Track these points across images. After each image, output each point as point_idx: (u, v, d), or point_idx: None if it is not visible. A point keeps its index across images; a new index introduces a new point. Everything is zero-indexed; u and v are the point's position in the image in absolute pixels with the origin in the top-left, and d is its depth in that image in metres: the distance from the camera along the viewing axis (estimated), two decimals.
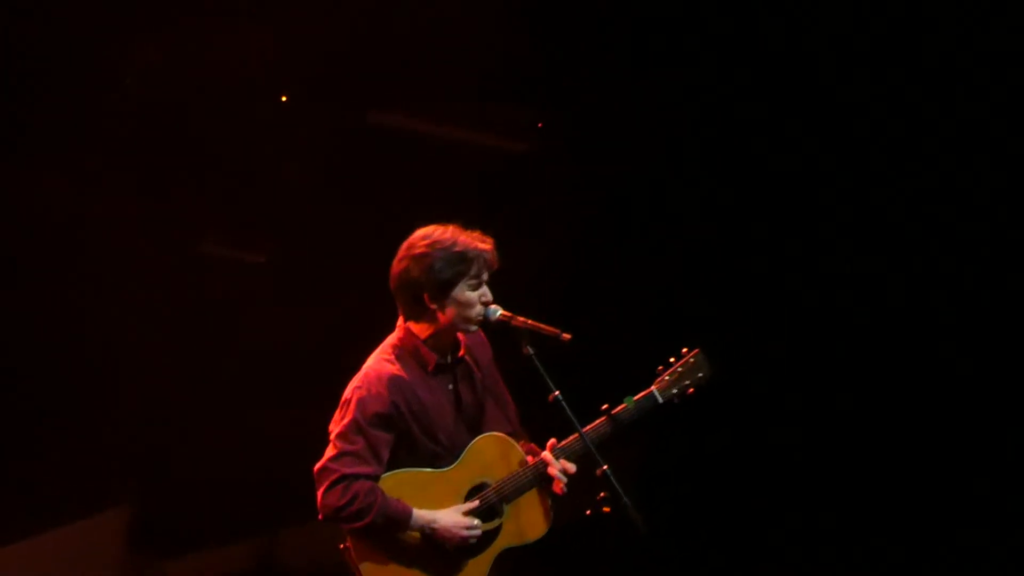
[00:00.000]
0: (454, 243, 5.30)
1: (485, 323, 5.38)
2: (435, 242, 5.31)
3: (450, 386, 5.44)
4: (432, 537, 5.29)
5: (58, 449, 7.81)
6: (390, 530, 5.27)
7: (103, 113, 7.93)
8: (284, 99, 8.22)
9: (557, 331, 5.30)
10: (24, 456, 7.72)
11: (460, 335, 5.45)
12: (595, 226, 8.18)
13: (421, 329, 5.39)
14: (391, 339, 5.45)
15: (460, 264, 5.30)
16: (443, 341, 5.41)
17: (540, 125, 8.34)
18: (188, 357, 8.09)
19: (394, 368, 5.34)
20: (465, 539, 5.30)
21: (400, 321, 5.44)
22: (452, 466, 5.37)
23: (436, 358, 5.39)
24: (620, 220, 8.20)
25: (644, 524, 5.13)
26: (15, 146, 7.83)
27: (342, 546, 5.34)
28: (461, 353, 5.48)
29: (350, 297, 7.95)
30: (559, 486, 5.39)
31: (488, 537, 5.37)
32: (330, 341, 7.86)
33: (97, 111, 7.92)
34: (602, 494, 5.20)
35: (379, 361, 5.39)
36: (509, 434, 5.48)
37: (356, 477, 5.24)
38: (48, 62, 7.82)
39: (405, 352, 5.39)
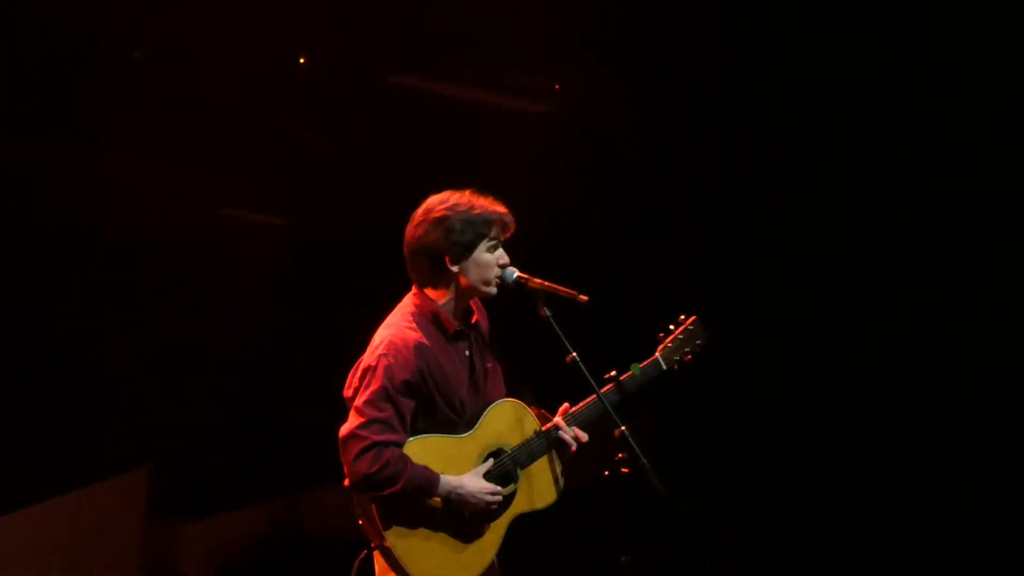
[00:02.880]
0: (472, 207, 5.29)
1: (503, 285, 5.36)
2: (454, 205, 5.30)
3: (467, 352, 5.42)
4: (456, 503, 5.29)
5: (82, 413, 7.86)
6: (418, 496, 5.24)
7: (118, 82, 7.95)
8: (302, 61, 8.22)
9: (574, 293, 5.27)
10: (48, 420, 7.75)
11: (472, 302, 5.45)
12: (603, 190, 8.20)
13: (438, 295, 5.37)
14: (407, 306, 5.41)
15: (481, 227, 5.29)
16: (459, 307, 5.40)
17: (557, 87, 8.32)
18: (211, 324, 8.12)
19: (417, 335, 5.31)
20: (489, 505, 5.30)
21: (415, 288, 5.43)
22: (470, 433, 5.35)
23: (457, 324, 5.38)
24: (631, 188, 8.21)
25: (663, 485, 5.11)
26: (32, 119, 7.86)
27: (360, 522, 5.33)
28: (475, 319, 5.48)
29: (371, 263, 7.97)
30: (571, 449, 5.39)
31: (504, 503, 5.36)
32: (344, 309, 7.88)
33: (112, 81, 7.94)
34: (620, 455, 5.18)
35: (401, 328, 5.34)
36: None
37: (386, 444, 5.19)
38: (62, 34, 7.83)
39: (424, 319, 5.36)
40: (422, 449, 5.27)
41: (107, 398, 7.94)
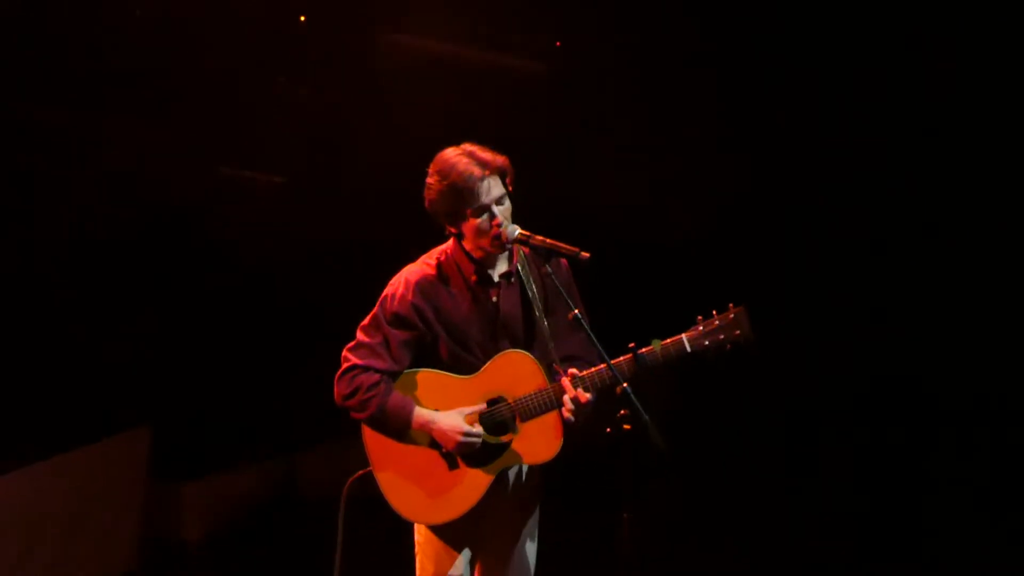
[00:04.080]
0: (450, 172, 5.22)
1: (508, 241, 5.31)
2: (438, 171, 5.25)
3: (494, 299, 5.39)
4: (431, 438, 5.32)
5: (82, 372, 7.86)
6: (391, 424, 5.30)
7: (116, 39, 7.92)
8: (302, 19, 8.20)
9: (576, 249, 5.20)
10: (48, 378, 7.76)
11: (515, 248, 5.40)
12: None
13: (465, 241, 5.37)
14: (444, 245, 5.43)
15: (454, 197, 5.24)
16: (488, 254, 5.36)
17: (558, 44, 8.30)
18: (208, 279, 8.12)
19: (429, 272, 5.35)
20: (460, 444, 5.29)
21: None
22: (474, 375, 5.37)
23: (475, 268, 5.36)
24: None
25: (665, 443, 5.08)
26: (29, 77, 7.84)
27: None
28: (512, 265, 5.41)
29: (366, 218, 7.96)
30: (567, 411, 5.32)
31: (495, 451, 5.35)
32: (344, 265, 7.87)
33: (110, 37, 7.91)
34: (622, 411, 5.16)
35: (420, 263, 5.40)
36: (548, 361, 5.38)
37: (365, 369, 5.28)
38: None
39: (451, 260, 5.38)
40: (420, 380, 5.35)
41: (108, 357, 7.95)
